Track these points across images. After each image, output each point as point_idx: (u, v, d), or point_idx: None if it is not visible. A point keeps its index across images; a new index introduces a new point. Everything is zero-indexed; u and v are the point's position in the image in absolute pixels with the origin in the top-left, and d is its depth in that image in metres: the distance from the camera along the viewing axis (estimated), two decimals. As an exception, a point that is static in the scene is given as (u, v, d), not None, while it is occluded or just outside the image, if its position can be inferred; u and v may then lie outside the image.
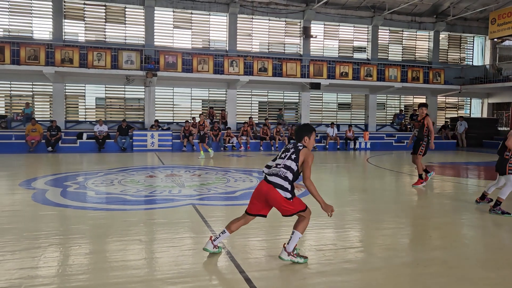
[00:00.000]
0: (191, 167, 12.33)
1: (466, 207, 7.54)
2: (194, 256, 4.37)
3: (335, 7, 22.06)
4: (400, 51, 24.30)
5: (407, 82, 22.27)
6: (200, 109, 21.36)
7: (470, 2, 22.68)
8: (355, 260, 4.35)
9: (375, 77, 21.72)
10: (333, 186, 9.85)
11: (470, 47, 26.00)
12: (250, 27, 21.54)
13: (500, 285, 3.73)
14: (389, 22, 23.31)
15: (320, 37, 22.53)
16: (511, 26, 20.49)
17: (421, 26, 23.93)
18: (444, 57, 25.18)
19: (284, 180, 4.18)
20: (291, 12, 21.55)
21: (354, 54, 23.37)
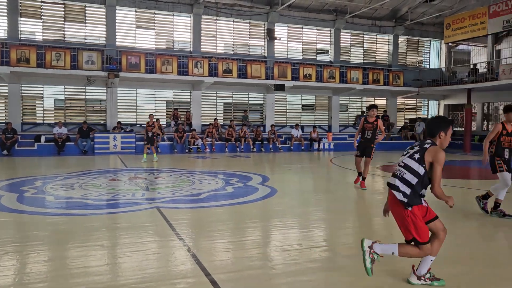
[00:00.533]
0: (156, 169, 12.13)
1: (424, 205, 7.82)
2: (159, 260, 4.30)
3: (299, 10, 22.35)
4: (361, 54, 24.92)
5: (368, 84, 22.86)
6: (164, 111, 21.06)
7: (427, 7, 23.59)
8: (320, 260, 4.42)
9: (338, 79, 22.16)
10: (298, 187, 9.97)
11: (427, 50, 27.03)
12: (215, 28, 21.46)
13: (455, 281, 3.89)
14: (351, 26, 23.86)
15: (284, 39, 22.76)
16: (465, 31, 21.46)
17: (381, 30, 24.65)
18: (403, 60, 26.04)
19: (400, 181, 3.52)
20: (255, 14, 21.65)
21: (317, 56, 23.75)
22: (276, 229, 5.76)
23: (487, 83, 20.32)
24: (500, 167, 6.22)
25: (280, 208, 7.03)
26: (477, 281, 3.88)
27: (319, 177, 11.95)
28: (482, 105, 24.79)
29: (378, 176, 11.31)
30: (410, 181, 3.45)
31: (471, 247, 4.96)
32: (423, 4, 23.16)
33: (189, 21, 20.74)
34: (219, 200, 7.58)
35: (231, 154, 17.69)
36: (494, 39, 24.44)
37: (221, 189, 8.65)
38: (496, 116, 25.16)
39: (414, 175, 3.46)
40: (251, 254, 4.54)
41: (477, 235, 5.67)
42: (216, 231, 5.45)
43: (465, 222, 6.32)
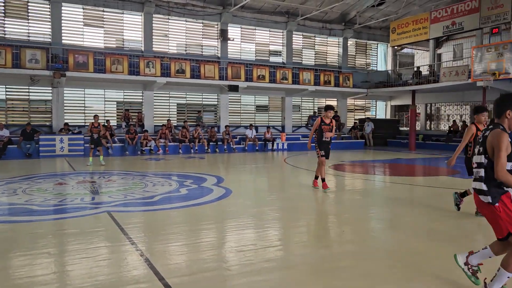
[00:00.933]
0: (106, 172, 11.74)
1: (374, 202, 8.13)
2: (110, 266, 4.17)
3: (252, 11, 22.48)
4: (313, 56, 25.47)
5: (319, 85, 23.42)
6: (115, 112, 20.44)
7: (374, 12, 24.53)
8: (275, 259, 4.47)
9: (291, 80, 22.52)
10: (253, 187, 10.02)
11: (374, 53, 28.10)
12: (167, 27, 21.11)
13: (402, 273, 4.07)
14: (302, 28, 24.33)
15: (237, 40, 22.80)
16: (409, 36, 22.53)
17: (331, 33, 25.32)
18: (352, 62, 26.90)
19: (479, 181, 3.33)
20: (208, 14, 21.53)
21: (270, 57, 24.01)
22: (231, 230, 5.76)
23: (429, 85, 21.44)
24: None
25: (235, 209, 7.04)
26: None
27: (273, 177, 12.08)
28: (425, 106, 26.13)
29: (329, 175, 11.59)
30: (482, 176, 3.29)
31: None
32: (371, 9, 24.06)
33: (140, 19, 20.27)
34: (173, 202, 7.47)
35: (185, 156, 17.48)
36: (435, 43, 25.84)
37: (175, 191, 8.53)
38: (438, 116, 26.61)
39: (482, 168, 3.30)
40: (206, 256, 4.52)
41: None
42: (170, 234, 5.37)
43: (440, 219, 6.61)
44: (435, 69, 23.23)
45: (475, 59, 17.41)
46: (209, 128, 20.38)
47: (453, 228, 5.81)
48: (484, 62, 16.98)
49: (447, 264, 4.26)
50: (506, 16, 17.58)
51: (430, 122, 26.63)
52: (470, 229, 5.75)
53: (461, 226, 5.90)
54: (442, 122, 26.36)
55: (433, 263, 4.33)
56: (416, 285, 3.77)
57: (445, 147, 21.64)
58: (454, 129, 22.76)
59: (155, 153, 17.93)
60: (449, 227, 5.88)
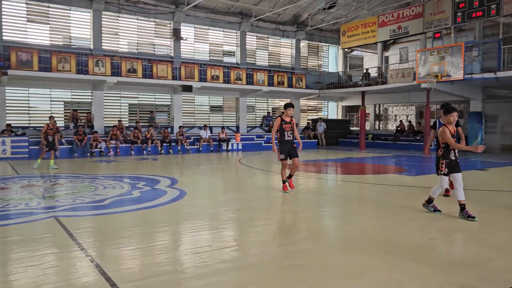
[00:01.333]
0: (54, 176, 11.21)
1: (327, 200, 8.33)
2: (58, 274, 3.98)
3: (205, 10, 22.33)
4: (267, 57, 25.71)
5: (273, 86, 23.67)
6: (62, 112, 19.57)
7: (325, 15, 25.15)
8: (230, 260, 4.46)
9: (245, 80, 22.60)
10: (208, 188, 9.95)
11: (326, 55, 28.81)
12: (117, 25, 20.50)
13: (355, 268, 4.20)
14: (256, 29, 24.49)
15: (190, 39, 22.56)
16: (358, 38, 23.29)
17: (284, 34, 25.68)
18: (304, 63, 27.42)
19: None
20: (161, 13, 21.14)
21: (224, 58, 23.96)
22: (186, 232, 5.69)
23: (377, 86, 22.29)
24: (441, 170, 6.23)
25: (190, 210, 6.96)
26: (373, 268, 4.22)
27: (228, 177, 12.06)
28: (374, 106, 27.13)
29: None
30: None
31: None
32: (322, 12, 24.65)
33: (89, 17, 19.54)
34: (125, 205, 7.26)
35: (137, 157, 17.05)
36: (383, 46, 26.90)
37: (127, 194, 8.30)
38: (386, 116, 27.72)
39: None
40: (160, 259, 4.42)
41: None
42: (122, 238, 5.21)
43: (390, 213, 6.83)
44: (383, 71, 24.18)
45: (419, 62, 18.29)
46: (162, 128, 20.02)
47: (400, 225, 6.06)
48: (428, 65, 17.90)
49: (395, 258, 4.45)
50: (447, 22, 18.62)
51: (379, 122, 27.69)
52: (416, 225, 6.03)
53: (406, 223, 6.17)
54: (390, 122, 27.50)
55: (382, 258, 4.49)
56: (368, 279, 3.90)
57: (393, 146, 22.60)
58: (401, 128, 23.82)
59: (105, 155, 17.37)
60: (397, 223, 6.13)
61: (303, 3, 22.73)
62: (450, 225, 5.93)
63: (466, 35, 21.15)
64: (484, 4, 17.01)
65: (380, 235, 5.48)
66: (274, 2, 22.30)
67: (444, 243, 5.11)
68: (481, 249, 4.88)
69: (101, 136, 18.31)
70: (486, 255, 4.63)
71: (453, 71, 16.87)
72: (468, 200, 6.51)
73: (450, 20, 18.43)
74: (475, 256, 4.66)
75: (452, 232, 5.59)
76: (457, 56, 16.76)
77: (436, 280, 3.86)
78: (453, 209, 6.64)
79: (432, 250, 4.81)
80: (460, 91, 19.15)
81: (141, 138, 18.60)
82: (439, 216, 6.44)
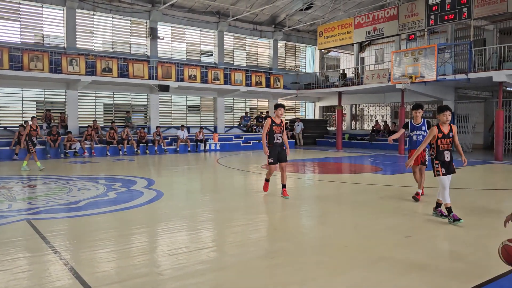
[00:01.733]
0: (26, 177, 10.90)
1: (304, 200, 8.39)
2: (30, 279, 3.87)
3: (182, 10, 22.14)
4: (244, 57, 25.70)
5: (251, 86, 23.68)
6: (35, 112, 19.05)
7: (302, 15, 25.33)
8: (208, 260, 4.43)
9: (222, 80, 22.52)
10: (185, 189, 9.87)
11: (303, 55, 29.03)
12: (92, 24, 20.10)
13: (333, 267, 4.24)
14: (234, 29, 24.45)
15: (167, 39, 22.33)
16: (335, 39, 23.55)
17: (262, 34, 25.73)
18: (282, 63, 27.54)
19: None
20: (137, 12, 20.85)
21: (201, 57, 23.82)
22: (163, 233, 5.63)
23: (354, 87, 22.59)
24: (437, 171, 5.97)
25: (167, 211, 6.89)
26: (350, 267, 4.26)
27: (206, 178, 12.00)
28: (351, 107, 27.49)
29: (261, 175, 11.75)
30: None
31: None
32: (299, 12, 24.82)
33: (62, 14, 19.09)
34: (101, 207, 7.12)
35: (113, 158, 16.77)
36: (359, 47, 27.29)
37: (103, 195, 8.14)
38: (362, 117, 28.13)
39: None
40: (137, 261, 4.36)
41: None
42: (98, 241, 5.11)
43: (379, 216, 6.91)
44: (359, 72, 24.53)
45: (394, 63, 18.64)
46: (139, 129, 19.75)
47: (376, 223, 6.16)
48: (402, 66, 18.25)
49: (371, 256, 4.52)
50: (420, 24, 19.04)
51: (355, 122, 28.08)
52: (391, 224, 6.14)
53: (382, 221, 6.27)
54: (366, 122, 27.92)
55: (359, 256, 4.56)
56: (345, 277, 3.94)
57: (369, 145, 22.96)
58: (376, 128, 24.22)
59: (80, 156, 17.01)
60: (373, 221, 6.23)
61: (280, 4, 22.83)
62: (424, 223, 6.06)
63: (439, 37, 21.69)
64: (456, 7, 17.48)
65: (357, 233, 5.56)
66: (251, 2, 22.31)
67: (419, 241, 5.21)
68: (454, 245, 5.00)
69: (75, 136, 17.93)
70: (459, 251, 4.75)
71: (426, 72, 17.25)
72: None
73: (423, 22, 18.86)
74: (448, 252, 4.77)
75: (427, 230, 5.71)
76: (430, 58, 17.15)
77: (411, 277, 3.94)
78: (427, 208, 6.79)
79: (407, 247, 4.91)
80: (433, 91, 19.62)
81: (117, 139, 18.30)
82: (414, 214, 6.57)
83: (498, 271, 4.02)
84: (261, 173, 12.01)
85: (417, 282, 3.81)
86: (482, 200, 8.09)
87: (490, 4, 16.83)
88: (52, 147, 16.67)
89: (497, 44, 19.46)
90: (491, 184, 10.52)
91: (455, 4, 17.47)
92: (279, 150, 7.98)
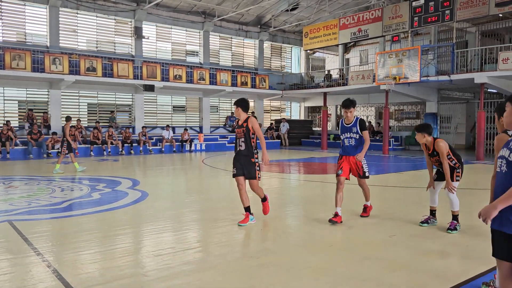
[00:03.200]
0: (7, 177, 10.70)
1: (290, 200, 8.43)
2: (12, 281, 3.81)
3: (167, 9, 22.01)
4: (230, 57, 25.68)
5: (237, 86, 23.67)
6: (17, 112, 18.71)
7: (288, 16, 25.43)
8: (194, 261, 4.42)
9: (208, 80, 22.46)
10: (170, 189, 9.82)
11: (288, 56, 29.14)
12: (75, 22, 19.84)
13: (318, 266, 4.28)
14: (219, 29, 24.41)
15: (152, 38, 22.18)
16: (320, 40, 23.70)
17: (248, 35, 25.75)
18: (268, 64, 27.61)
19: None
20: (121, 11, 20.65)
21: (187, 57, 23.72)
22: (148, 234, 5.59)
23: (339, 87, 22.77)
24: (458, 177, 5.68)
25: (152, 212, 6.84)
26: (334, 266, 4.30)
27: (191, 178, 11.95)
28: (336, 107, 27.69)
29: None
30: None
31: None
32: (285, 13, 24.91)
33: (45, 12, 18.80)
34: (84, 208, 7.04)
35: (97, 158, 16.58)
36: (344, 48, 27.51)
37: (86, 196, 8.05)
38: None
39: None
40: (121, 262, 4.33)
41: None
42: (81, 242, 5.06)
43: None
44: (344, 73, 24.73)
45: (378, 64, 18.85)
46: (123, 129, 19.56)
47: (361, 223, 6.22)
48: (386, 67, 18.47)
49: (356, 255, 4.56)
50: (404, 25, 19.30)
51: (340, 123, 28.24)
52: (375, 222, 6.21)
53: (367, 221, 6.34)
54: (351, 122, 28.10)
55: (345, 255, 4.60)
56: (330, 276, 3.98)
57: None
58: (361, 129, 24.40)
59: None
60: (358, 221, 6.29)
61: (266, 4, 22.87)
62: (405, 223, 6.14)
63: (422, 39, 22.01)
64: (439, 10, 17.76)
65: (342, 233, 5.61)
66: (237, 3, 22.31)
67: (402, 240, 5.29)
68: (438, 245, 5.09)
69: (58, 136, 17.66)
70: (443, 250, 4.84)
71: (410, 73, 17.49)
72: (424, 200, 6.76)
73: (407, 24, 19.11)
74: (431, 251, 4.85)
75: (410, 229, 5.80)
76: (414, 59, 17.39)
77: (395, 275, 3.99)
78: (409, 208, 6.86)
79: (392, 246, 4.97)
80: (416, 92, 19.90)
81: (101, 139, 18.09)
82: (397, 215, 6.66)
83: (478, 270, 4.12)
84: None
85: (401, 281, 3.87)
86: (464, 199, 8.24)
87: (472, 6, 17.15)
88: (34, 147, 16.40)
89: (479, 46, 19.85)
90: (473, 183, 10.71)
91: (438, 6, 17.76)
92: (243, 161, 5.92)
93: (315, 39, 23.90)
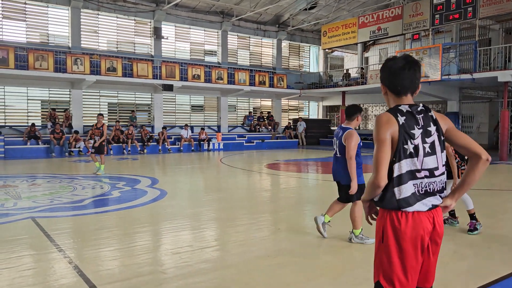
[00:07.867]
0: (30, 175, 10.97)
1: (307, 200, 8.39)
2: (35, 276, 3.91)
3: (186, 9, 22.18)
4: (248, 56, 25.70)
5: (255, 85, 23.68)
6: (39, 111, 19.13)
7: (306, 15, 25.30)
8: (211, 259, 4.45)
9: (226, 80, 22.54)
10: (189, 188, 9.90)
11: (307, 55, 28.99)
12: (96, 23, 20.17)
13: (336, 267, 4.25)
14: (237, 28, 24.46)
15: (171, 38, 22.38)
16: (338, 39, 23.52)
17: (266, 34, 25.73)
18: (286, 63, 27.53)
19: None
20: (141, 11, 20.91)
21: (205, 57, 23.85)
22: (167, 232, 5.65)
23: (358, 86, 22.54)
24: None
25: (171, 210, 6.91)
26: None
27: (209, 177, 12.02)
28: (355, 107, 27.39)
29: (264, 174, 11.77)
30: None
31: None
32: (303, 12, 24.79)
33: (67, 14, 19.17)
34: (105, 205, 7.17)
35: (116, 157, 16.83)
36: (363, 47, 27.22)
37: (107, 194, 8.19)
38: (366, 116, 28.05)
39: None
40: (140, 260, 4.39)
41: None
42: (102, 239, 5.15)
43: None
44: (363, 72, 24.47)
45: (398, 63, 18.54)
46: (142, 127, 19.80)
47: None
48: (407, 66, 18.15)
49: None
50: (425, 23, 18.97)
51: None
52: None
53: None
54: (370, 121, 27.84)
55: (362, 255, 4.56)
56: (348, 276, 3.94)
57: (372, 145, 22.84)
58: (380, 128, 24.11)
59: (84, 155, 17.08)
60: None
61: (284, 3, 22.81)
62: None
63: (443, 37, 21.59)
64: (461, 7, 17.40)
65: (368, 233, 5.55)
66: (255, 2, 22.31)
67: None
68: (458, 246, 5.00)
69: (80, 135, 18.00)
70: (462, 252, 4.75)
71: (431, 72, 17.19)
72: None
73: (428, 22, 18.79)
74: (452, 252, 4.77)
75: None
76: (435, 58, 17.08)
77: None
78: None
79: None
80: (437, 91, 19.54)
81: (121, 138, 18.36)
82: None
83: (499, 273, 4.02)
84: (264, 173, 12.00)
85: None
86: (487, 201, 8.06)
87: (495, 3, 16.74)
88: (56, 146, 16.75)
89: (502, 43, 19.35)
90: (496, 184, 10.47)
91: (460, 3, 17.40)
92: None
93: (333, 38, 23.72)
